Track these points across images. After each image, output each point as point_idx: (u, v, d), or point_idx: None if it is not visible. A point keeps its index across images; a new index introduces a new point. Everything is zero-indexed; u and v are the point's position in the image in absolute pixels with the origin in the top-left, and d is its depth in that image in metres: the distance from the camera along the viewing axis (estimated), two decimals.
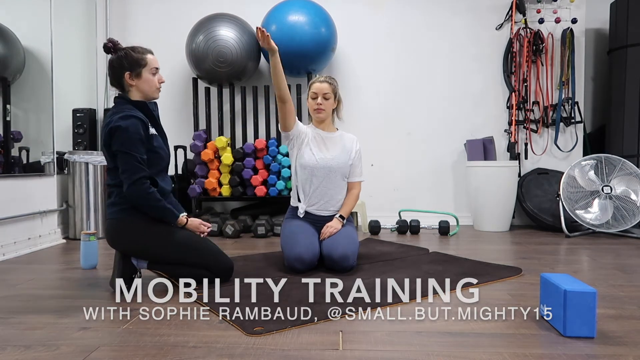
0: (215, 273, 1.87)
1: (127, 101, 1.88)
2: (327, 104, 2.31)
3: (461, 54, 3.82)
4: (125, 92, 1.90)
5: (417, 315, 1.54)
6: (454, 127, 3.83)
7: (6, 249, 2.61)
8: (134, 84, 1.86)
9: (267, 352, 1.25)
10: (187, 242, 1.89)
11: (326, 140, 2.36)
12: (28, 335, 1.40)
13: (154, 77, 1.89)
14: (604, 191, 3.19)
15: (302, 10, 3.34)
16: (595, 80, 4.19)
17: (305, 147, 2.33)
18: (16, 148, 2.89)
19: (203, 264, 1.89)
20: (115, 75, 1.87)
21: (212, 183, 3.41)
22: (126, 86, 1.88)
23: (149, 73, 1.87)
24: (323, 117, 2.33)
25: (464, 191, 3.81)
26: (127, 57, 1.84)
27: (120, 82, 1.88)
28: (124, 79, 1.86)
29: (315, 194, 2.31)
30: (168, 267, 1.91)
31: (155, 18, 3.91)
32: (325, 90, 2.29)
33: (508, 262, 2.36)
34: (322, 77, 2.32)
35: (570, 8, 3.71)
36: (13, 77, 2.89)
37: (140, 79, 1.86)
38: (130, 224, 1.85)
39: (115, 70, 1.86)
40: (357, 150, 2.40)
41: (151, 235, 1.85)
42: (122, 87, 1.90)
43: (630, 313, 1.56)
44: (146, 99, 1.91)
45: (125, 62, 1.84)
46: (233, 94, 3.69)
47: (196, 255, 1.89)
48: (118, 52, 1.86)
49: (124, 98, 1.88)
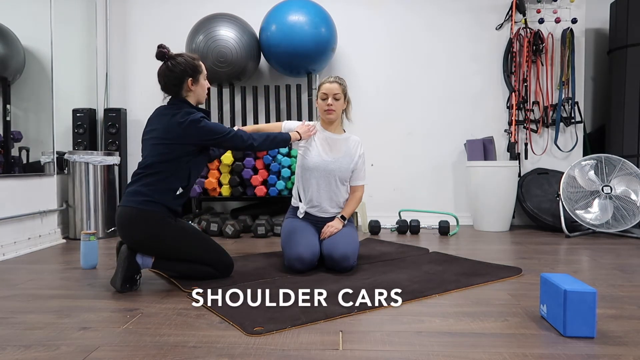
0: (218, 269, 1.98)
1: (189, 105, 1.98)
2: (337, 105, 2.30)
3: (461, 54, 3.82)
4: (181, 96, 1.99)
5: (417, 315, 1.54)
6: (454, 127, 3.83)
7: (6, 249, 2.62)
8: (192, 89, 1.98)
9: (267, 352, 1.25)
10: (196, 238, 1.98)
11: (332, 142, 2.35)
12: (28, 335, 1.39)
13: (206, 83, 2.05)
14: (604, 191, 3.19)
15: (302, 10, 3.34)
16: (595, 80, 4.19)
17: (310, 148, 2.33)
18: (16, 148, 2.89)
19: (208, 260, 1.96)
20: (176, 80, 1.95)
21: (212, 183, 3.41)
22: (184, 91, 1.98)
23: (204, 79, 2.03)
24: (333, 118, 2.32)
25: (464, 191, 3.81)
26: (188, 63, 1.96)
27: (179, 87, 1.97)
28: (185, 84, 1.96)
29: (315, 195, 2.32)
30: (173, 264, 1.96)
31: (155, 18, 3.91)
32: (336, 91, 2.28)
33: (508, 262, 2.36)
34: (332, 78, 2.31)
35: (570, 8, 3.72)
36: (13, 77, 2.89)
37: (197, 85, 2.00)
38: (148, 214, 1.87)
39: (177, 75, 1.94)
40: (361, 154, 2.39)
41: (166, 228, 1.89)
42: (177, 91, 1.98)
43: (630, 313, 1.56)
44: (198, 102, 2.04)
45: (188, 69, 1.95)
46: (233, 94, 3.69)
47: (203, 251, 1.97)
48: (176, 58, 1.95)
49: (186, 102, 1.98)
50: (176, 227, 1.92)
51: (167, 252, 1.94)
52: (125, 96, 3.93)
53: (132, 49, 3.93)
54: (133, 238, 1.89)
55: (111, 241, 3.15)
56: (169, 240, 1.91)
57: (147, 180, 1.90)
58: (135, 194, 1.89)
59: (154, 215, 1.88)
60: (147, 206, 1.87)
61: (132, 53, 3.93)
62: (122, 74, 3.94)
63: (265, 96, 3.67)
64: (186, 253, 1.95)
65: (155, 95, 2.04)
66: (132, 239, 1.90)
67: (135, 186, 1.91)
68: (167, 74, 1.95)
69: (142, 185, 1.90)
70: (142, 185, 1.90)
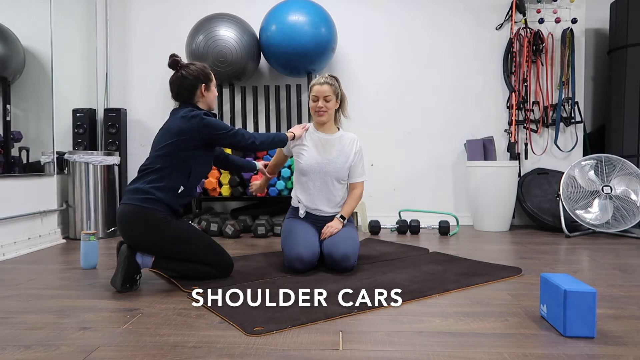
0: (218, 269, 1.99)
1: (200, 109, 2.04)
2: (328, 106, 2.31)
3: (461, 54, 3.82)
4: (193, 101, 2.06)
5: (417, 315, 1.54)
6: (454, 127, 3.83)
7: (6, 249, 2.62)
8: (205, 95, 2.06)
9: (267, 352, 1.25)
10: (196, 238, 1.98)
11: (324, 143, 2.35)
12: (28, 335, 1.40)
13: (216, 91, 2.14)
14: (604, 191, 3.19)
15: (302, 10, 3.34)
16: (595, 80, 4.19)
17: (303, 151, 2.34)
18: (16, 148, 2.89)
19: (208, 260, 1.97)
20: (190, 87, 2.02)
21: (212, 183, 3.41)
22: (197, 97, 2.05)
23: (214, 87, 2.12)
24: (325, 119, 2.33)
25: (464, 191, 3.81)
26: (201, 71, 2.04)
27: (192, 93, 2.04)
28: (198, 91, 2.04)
29: (313, 196, 2.32)
30: (173, 263, 1.96)
31: (155, 18, 3.91)
32: (326, 93, 2.28)
33: (508, 262, 2.36)
34: (323, 79, 2.31)
35: (570, 8, 3.72)
36: (13, 77, 2.89)
37: (209, 92, 2.08)
38: (149, 213, 1.87)
39: (191, 82, 2.02)
40: (357, 151, 2.38)
41: (167, 228, 1.89)
42: (190, 97, 2.04)
43: (630, 313, 1.56)
44: (209, 109, 2.12)
45: (201, 76, 2.04)
46: (233, 94, 3.69)
47: (203, 251, 1.98)
48: (189, 66, 2.04)
49: (196, 107, 2.05)
50: (176, 227, 1.93)
51: (166, 252, 1.94)
52: (125, 96, 3.93)
53: (132, 49, 3.93)
54: (133, 236, 1.90)
55: (111, 241, 3.15)
56: (169, 240, 1.91)
57: (149, 177, 1.92)
58: (136, 191, 1.90)
59: (155, 214, 1.88)
60: (148, 204, 1.88)
61: (132, 53, 3.93)
62: (122, 74, 3.94)
63: (265, 96, 3.68)
64: (186, 252, 1.95)
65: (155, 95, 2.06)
66: (132, 237, 1.90)
67: (136, 184, 1.93)
68: (181, 81, 2.02)
69: (144, 182, 1.91)
70: (143, 183, 1.91)
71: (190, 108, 2.01)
